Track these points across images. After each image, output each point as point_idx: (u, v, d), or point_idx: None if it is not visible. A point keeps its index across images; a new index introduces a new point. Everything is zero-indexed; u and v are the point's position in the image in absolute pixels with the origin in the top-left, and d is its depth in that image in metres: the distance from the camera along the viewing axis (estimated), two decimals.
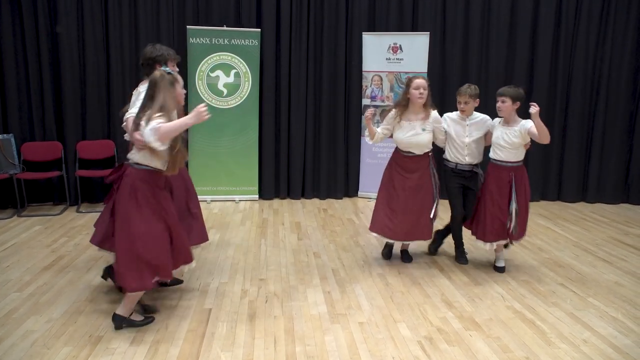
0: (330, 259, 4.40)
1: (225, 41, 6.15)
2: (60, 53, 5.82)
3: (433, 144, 4.16)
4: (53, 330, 3.06)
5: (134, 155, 2.98)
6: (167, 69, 3.17)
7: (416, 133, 3.99)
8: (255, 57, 6.23)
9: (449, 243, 4.48)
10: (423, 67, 6.17)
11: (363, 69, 6.45)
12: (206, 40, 6.12)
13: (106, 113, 6.07)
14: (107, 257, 3.84)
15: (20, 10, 5.68)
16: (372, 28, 6.44)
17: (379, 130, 4.14)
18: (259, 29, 6.21)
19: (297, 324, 3.22)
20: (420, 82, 3.94)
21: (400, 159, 4.12)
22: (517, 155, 3.93)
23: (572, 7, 6.37)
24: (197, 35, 6.09)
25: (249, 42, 6.19)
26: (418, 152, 4.06)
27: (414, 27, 6.42)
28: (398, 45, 6.29)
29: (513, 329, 3.21)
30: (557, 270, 4.24)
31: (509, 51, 6.47)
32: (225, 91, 6.26)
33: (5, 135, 5.71)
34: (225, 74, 6.23)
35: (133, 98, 3.36)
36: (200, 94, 6.19)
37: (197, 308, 3.40)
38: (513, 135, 3.88)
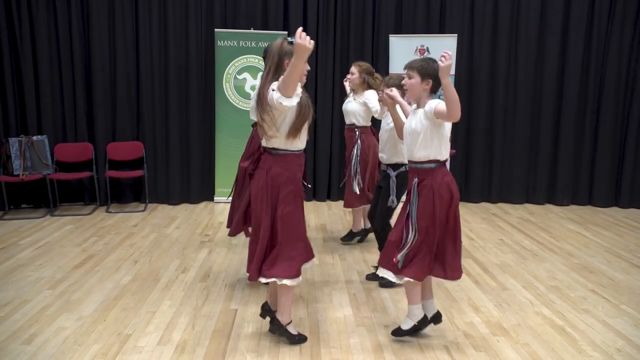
0: (356, 261, 4.39)
1: (253, 44, 6.21)
2: (92, 56, 5.96)
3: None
4: (83, 328, 3.13)
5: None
6: (290, 38, 2.70)
7: (348, 101, 4.59)
8: None
9: (472, 248, 4.41)
10: (451, 69, 6.09)
11: (390, 71, 6.41)
12: (234, 43, 6.19)
13: (135, 115, 6.18)
14: None
15: (55, 15, 5.84)
16: (399, 30, 6.41)
17: None
18: (286, 32, 6.24)
19: (322, 326, 3.22)
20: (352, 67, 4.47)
21: None
22: (426, 148, 2.87)
23: (606, 6, 6.20)
24: (224, 38, 6.16)
25: None
26: (346, 120, 4.58)
27: (442, 29, 6.36)
28: (425, 47, 6.24)
29: (542, 335, 3.14)
30: (588, 276, 4.13)
31: (539, 52, 6.34)
32: (252, 93, 6.29)
33: (39, 136, 5.87)
34: (253, 76, 6.28)
35: None
36: (228, 97, 6.26)
37: (223, 309, 3.43)
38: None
